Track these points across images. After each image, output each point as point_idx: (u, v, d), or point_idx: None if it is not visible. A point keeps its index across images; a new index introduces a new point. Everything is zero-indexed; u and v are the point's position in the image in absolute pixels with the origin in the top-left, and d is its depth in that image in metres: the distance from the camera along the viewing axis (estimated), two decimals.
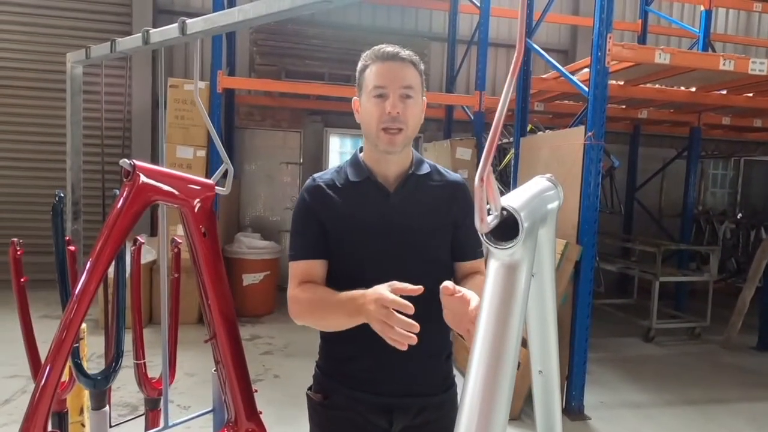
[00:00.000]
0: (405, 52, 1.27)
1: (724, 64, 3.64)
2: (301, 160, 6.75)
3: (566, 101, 5.80)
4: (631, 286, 6.45)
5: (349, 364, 1.31)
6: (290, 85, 5.41)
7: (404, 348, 0.98)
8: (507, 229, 0.69)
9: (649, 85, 4.89)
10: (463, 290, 1.02)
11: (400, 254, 1.28)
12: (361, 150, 1.37)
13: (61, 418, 1.56)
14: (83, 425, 1.70)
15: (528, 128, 4.69)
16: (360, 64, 1.30)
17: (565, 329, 3.57)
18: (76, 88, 1.76)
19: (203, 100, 5.10)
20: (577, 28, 7.29)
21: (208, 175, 5.03)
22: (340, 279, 1.30)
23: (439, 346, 1.13)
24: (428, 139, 6.80)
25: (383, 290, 1.03)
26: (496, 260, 0.70)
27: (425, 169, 1.36)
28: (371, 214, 1.29)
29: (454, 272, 1.35)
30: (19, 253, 1.42)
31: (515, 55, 0.69)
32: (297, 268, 1.29)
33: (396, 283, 1.05)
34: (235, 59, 6.21)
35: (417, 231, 1.29)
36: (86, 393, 1.64)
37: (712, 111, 5.87)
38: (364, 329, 1.29)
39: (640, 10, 6.84)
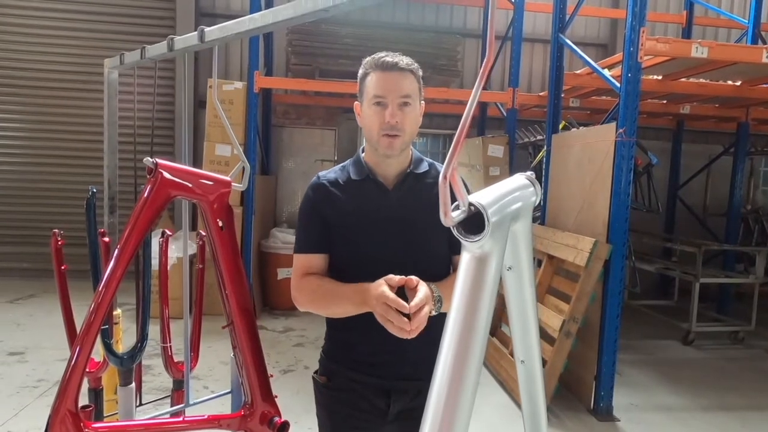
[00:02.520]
0: (404, 62, 1.33)
1: (767, 57, 3.49)
2: (336, 158, 6.88)
3: (603, 97, 5.66)
4: (672, 287, 6.24)
5: (351, 349, 1.39)
6: (324, 84, 5.53)
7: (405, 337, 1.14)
8: (480, 223, 0.74)
9: (692, 80, 4.73)
10: (420, 290, 1.17)
11: (399, 247, 1.35)
12: (363, 150, 1.44)
13: (97, 395, 1.71)
14: (117, 402, 1.84)
15: (561, 125, 4.62)
16: (361, 71, 1.37)
17: (594, 329, 3.53)
18: (113, 91, 1.90)
19: (241, 100, 5.35)
20: (617, 22, 7.09)
21: (244, 172, 5.21)
22: (343, 270, 1.38)
23: (436, 332, 1.19)
24: None
25: (385, 289, 1.16)
26: (467, 252, 0.75)
27: (423, 167, 1.42)
28: (371, 209, 1.36)
29: (451, 265, 1.42)
30: (60, 243, 1.57)
31: (485, 61, 0.74)
32: (300, 261, 1.39)
33: (391, 278, 1.18)
34: (272, 60, 6.39)
35: (415, 226, 1.36)
36: None
37: (762, 105, 5.60)
38: (366, 318, 1.37)
39: (685, 1, 6.59)
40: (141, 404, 1.74)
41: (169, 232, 1.73)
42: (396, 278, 1.17)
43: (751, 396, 3.93)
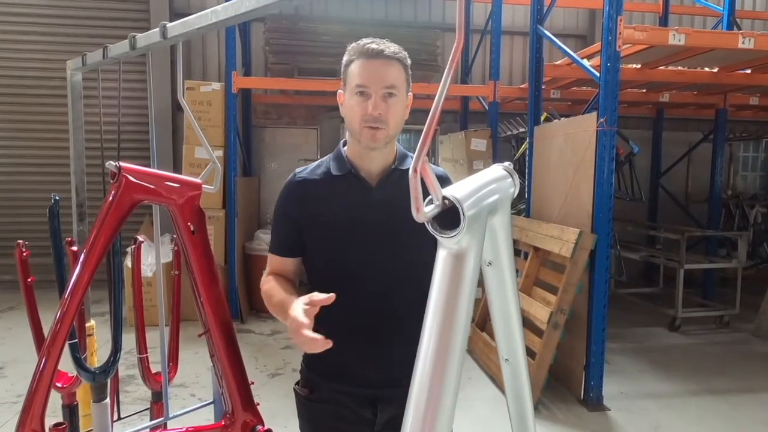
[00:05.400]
0: (390, 49, 1.24)
1: (743, 43, 3.51)
2: (319, 157, 6.81)
3: (584, 87, 5.68)
4: (658, 274, 6.30)
5: (332, 357, 1.32)
6: (303, 83, 5.47)
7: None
8: (455, 217, 0.70)
9: (670, 68, 4.75)
10: None
11: (382, 250, 1.29)
12: (344, 144, 1.36)
13: (71, 411, 1.64)
14: None
15: (542, 117, 4.62)
16: (345, 58, 1.28)
17: (582, 319, 3.53)
18: (77, 94, 1.83)
19: (220, 101, 5.26)
20: (595, 12, 7.12)
21: (227, 173, 5.13)
22: (325, 272, 1.32)
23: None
24: (444, 131, 6.77)
25: (298, 311, 1.09)
26: (443, 249, 0.72)
27: (408, 163, 1.34)
28: (352, 208, 1.29)
29: None
30: (25, 254, 1.50)
31: (454, 45, 0.70)
32: (271, 261, 1.37)
33: (315, 296, 1.10)
34: (251, 59, 6.30)
35: (399, 225, 1.27)
36: None
37: (739, 91, 5.66)
38: (347, 323, 1.31)
39: None
40: (120, 418, 1.68)
41: (141, 239, 1.67)
42: (319, 296, 1.09)
43: (739, 379, 3.97)
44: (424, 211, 0.66)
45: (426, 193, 0.66)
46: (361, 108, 1.23)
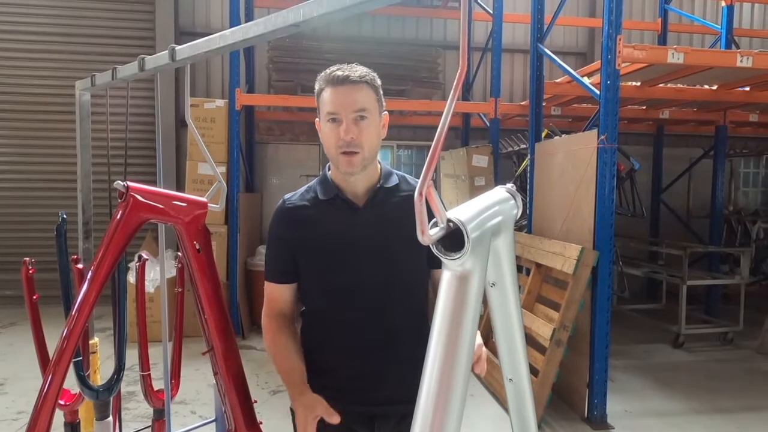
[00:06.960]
0: (357, 73, 1.26)
1: (741, 61, 3.55)
2: (320, 172, 6.85)
3: (584, 104, 5.72)
4: (660, 290, 6.28)
5: (329, 375, 1.33)
6: (306, 100, 5.51)
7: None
8: (460, 239, 0.71)
9: (670, 85, 4.80)
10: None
11: (373, 271, 1.30)
12: (329, 168, 1.39)
13: (74, 429, 1.63)
14: None
15: (543, 134, 4.65)
16: (316, 87, 1.31)
17: (585, 336, 3.51)
18: (85, 113, 1.86)
19: (223, 118, 5.31)
20: (595, 30, 7.21)
21: (230, 189, 5.16)
22: (319, 295, 1.34)
23: (418, 353, 1.15)
24: (446, 147, 6.81)
25: (317, 406, 1.24)
26: (448, 270, 0.73)
27: (393, 181, 1.36)
28: (341, 230, 1.31)
29: (430, 280, 1.38)
30: (31, 272, 1.51)
31: (458, 72, 0.72)
32: (268, 289, 1.39)
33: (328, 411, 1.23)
34: (254, 77, 6.37)
35: (389, 244, 1.30)
36: None
37: (738, 108, 5.70)
38: (344, 341, 1.32)
39: (659, 9, 6.72)
40: None
41: (145, 256, 1.68)
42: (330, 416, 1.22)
43: (744, 397, 3.93)
44: (429, 234, 0.67)
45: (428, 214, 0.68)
46: (334, 134, 1.26)
